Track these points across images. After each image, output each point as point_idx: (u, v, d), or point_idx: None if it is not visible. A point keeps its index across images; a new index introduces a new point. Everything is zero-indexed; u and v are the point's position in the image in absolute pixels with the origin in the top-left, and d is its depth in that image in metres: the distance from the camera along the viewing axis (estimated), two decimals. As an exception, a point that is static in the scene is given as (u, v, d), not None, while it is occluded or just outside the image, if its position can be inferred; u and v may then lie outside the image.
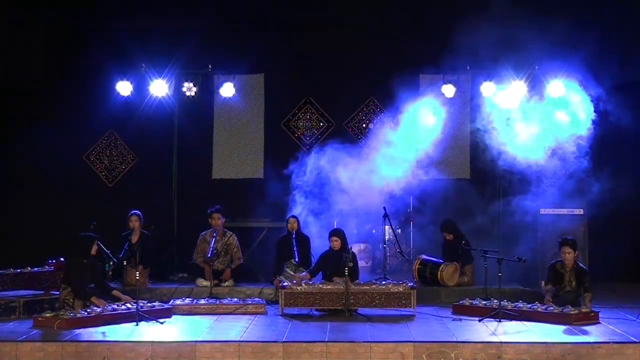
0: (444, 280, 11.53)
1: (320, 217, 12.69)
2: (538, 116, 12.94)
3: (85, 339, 8.65)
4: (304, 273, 10.88)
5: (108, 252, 10.99)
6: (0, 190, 13.39)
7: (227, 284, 11.59)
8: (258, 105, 13.66)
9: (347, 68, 13.48)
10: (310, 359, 8.39)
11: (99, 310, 9.60)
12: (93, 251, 10.30)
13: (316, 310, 10.36)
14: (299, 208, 12.59)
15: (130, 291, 10.40)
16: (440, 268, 11.57)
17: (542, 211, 12.55)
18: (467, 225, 12.37)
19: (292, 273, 11.31)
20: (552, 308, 9.77)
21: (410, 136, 13.13)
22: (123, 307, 9.85)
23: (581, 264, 10.37)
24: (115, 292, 10.28)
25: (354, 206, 12.82)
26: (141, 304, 9.80)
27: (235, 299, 10.73)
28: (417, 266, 11.86)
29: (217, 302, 10.51)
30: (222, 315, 10.15)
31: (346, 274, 10.10)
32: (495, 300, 10.01)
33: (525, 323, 9.54)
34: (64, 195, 13.34)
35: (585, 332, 9.04)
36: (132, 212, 11.98)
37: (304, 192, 12.71)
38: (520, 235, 12.65)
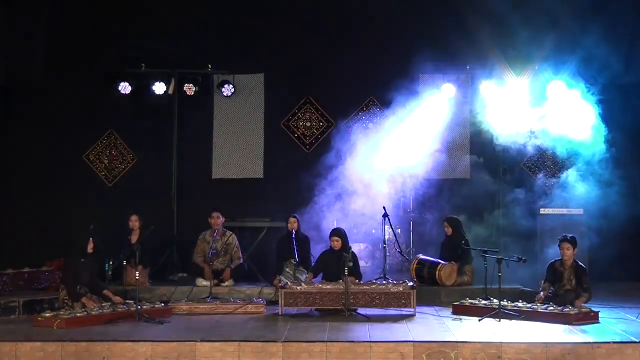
0: (442, 280, 11.54)
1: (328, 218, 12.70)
2: (538, 116, 12.97)
3: (85, 339, 8.64)
4: (305, 276, 10.88)
5: (103, 247, 10.97)
6: (0, 189, 13.38)
7: (227, 284, 11.59)
8: (258, 105, 13.66)
9: (347, 68, 13.48)
10: (310, 359, 8.39)
11: (98, 310, 9.60)
12: (89, 249, 10.28)
13: (316, 310, 10.36)
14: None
15: (131, 291, 10.40)
16: (439, 268, 11.58)
17: (542, 211, 12.55)
18: (467, 225, 12.36)
19: (292, 273, 11.32)
20: (552, 308, 9.77)
21: (410, 136, 13.13)
22: (123, 307, 9.85)
23: (581, 263, 10.37)
24: (106, 292, 10.25)
25: (356, 205, 12.85)
26: (141, 304, 9.80)
27: (235, 299, 10.73)
28: (415, 266, 11.86)
29: (217, 302, 10.51)
30: (222, 316, 10.15)
31: (346, 274, 10.10)
32: (495, 300, 10.02)
33: (525, 323, 9.54)
34: (64, 195, 13.33)
35: (585, 332, 9.04)
36: (132, 212, 11.99)
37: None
38: (520, 235, 12.66)
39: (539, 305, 9.92)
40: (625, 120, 12.83)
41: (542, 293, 10.18)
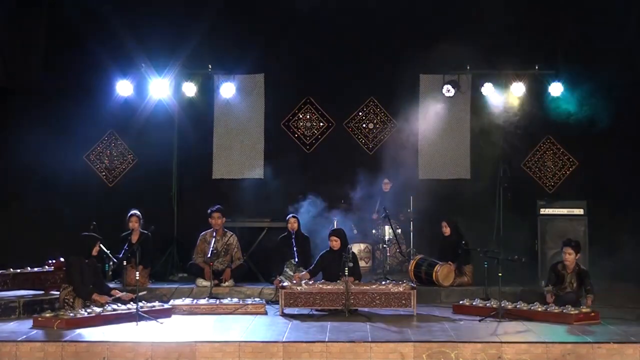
0: (439, 281, 11.55)
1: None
2: (537, 115, 12.98)
3: (85, 339, 8.65)
4: (303, 273, 10.88)
5: (108, 252, 10.98)
6: (0, 189, 13.38)
7: (227, 284, 11.59)
8: (258, 105, 13.65)
9: (347, 68, 13.47)
10: (310, 359, 8.39)
11: (99, 310, 9.60)
12: (94, 252, 10.29)
13: (316, 310, 10.36)
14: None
15: (130, 291, 10.39)
16: (435, 269, 11.59)
17: (542, 211, 12.55)
18: (467, 225, 12.36)
19: (292, 273, 11.32)
20: (552, 308, 9.77)
21: (410, 136, 13.14)
22: (123, 307, 9.85)
23: (583, 266, 10.38)
24: (114, 292, 10.27)
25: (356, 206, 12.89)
26: (141, 304, 9.80)
27: (235, 299, 10.73)
28: (413, 266, 11.87)
29: (217, 302, 10.51)
30: (222, 315, 10.15)
31: (346, 274, 10.10)
32: (495, 300, 10.03)
33: (525, 323, 9.54)
34: (64, 195, 13.31)
35: (585, 332, 9.05)
36: (132, 212, 11.97)
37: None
38: (520, 236, 12.67)
39: (538, 305, 9.92)
40: (626, 120, 12.84)
41: (547, 294, 10.18)
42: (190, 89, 13.11)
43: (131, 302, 9.90)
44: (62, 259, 10.83)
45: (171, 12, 13.26)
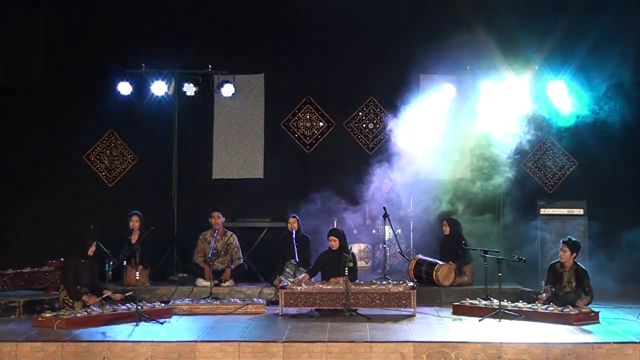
0: (439, 280, 11.54)
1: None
2: (537, 115, 12.98)
3: (85, 339, 8.65)
4: (302, 275, 10.88)
5: (108, 252, 10.98)
6: (0, 190, 13.38)
7: (227, 284, 11.59)
8: (258, 105, 13.65)
9: (347, 68, 13.47)
10: (310, 359, 8.40)
11: (98, 310, 9.60)
12: (90, 252, 10.28)
13: (316, 310, 10.36)
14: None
15: (130, 291, 10.39)
16: (436, 268, 11.59)
17: (542, 211, 12.55)
18: (467, 225, 12.36)
19: (292, 273, 11.32)
20: (552, 308, 9.77)
21: (410, 136, 13.13)
22: (123, 307, 9.85)
23: (582, 266, 10.37)
24: (105, 290, 10.24)
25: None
26: (141, 304, 9.80)
27: (235, 299, 10.73)
28: (413, 266, 11.87)
29: (217, 302, 10.52)
30: (222, 315, 10.16)
31: (346, 274, 10.10)
32: (495, 300, 10.03)
33: (525, 323, 9.54)
34: (64, 195, 13.33)
35: (585, 332, 9.05)
36: (133, 212, 11.99)
37: None
38: (520, 235, 12.67)
39: (538, 305, 9.92)
40: (626, 119, 12.84)
41: (544, 294, 10.18)
42: (190, 89, 13.10)
43: (132, 302, 9.90)
44: (62, 259, 10.82)
45: (171, 11, 13.26)
